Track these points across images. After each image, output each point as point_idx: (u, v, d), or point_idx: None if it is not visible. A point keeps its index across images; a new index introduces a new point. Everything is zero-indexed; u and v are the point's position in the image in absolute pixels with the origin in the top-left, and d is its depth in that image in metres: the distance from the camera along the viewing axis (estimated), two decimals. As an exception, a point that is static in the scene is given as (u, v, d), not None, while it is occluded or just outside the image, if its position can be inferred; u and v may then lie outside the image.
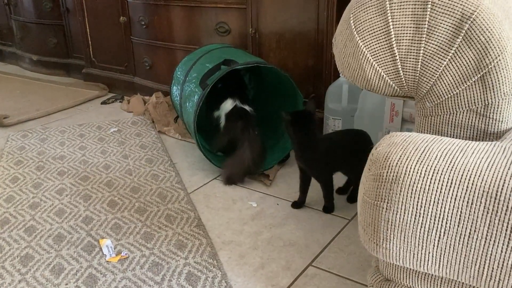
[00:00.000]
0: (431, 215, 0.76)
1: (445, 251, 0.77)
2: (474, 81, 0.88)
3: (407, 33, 0.92)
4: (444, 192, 0.75)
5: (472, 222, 0.73)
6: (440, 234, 0.76)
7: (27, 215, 1.62)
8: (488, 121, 0.91)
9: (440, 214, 0.75)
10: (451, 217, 0.75)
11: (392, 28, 0.93)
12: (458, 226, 0.74)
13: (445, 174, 0.75)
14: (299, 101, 1.88)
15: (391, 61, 0.94)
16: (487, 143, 0.82)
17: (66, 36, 3.25)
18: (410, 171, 0.77)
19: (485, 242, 0.73)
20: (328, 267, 1.35)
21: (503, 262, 0.73)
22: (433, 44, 0.90)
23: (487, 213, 0.72)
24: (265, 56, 2.19)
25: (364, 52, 0.96)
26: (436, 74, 0.91)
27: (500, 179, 0.72)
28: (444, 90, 0.91)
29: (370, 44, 0.95)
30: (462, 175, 0.74)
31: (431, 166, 0.77)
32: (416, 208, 0.77)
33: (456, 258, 0.76)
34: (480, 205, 0.72)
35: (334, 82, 1.97)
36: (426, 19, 0.90)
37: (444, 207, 0.75)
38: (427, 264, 0.80)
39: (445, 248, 0.76)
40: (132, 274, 1.32)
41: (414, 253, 0.80)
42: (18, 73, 3.52)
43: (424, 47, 0.91)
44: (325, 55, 2.01)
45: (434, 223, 0.76)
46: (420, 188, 0.76)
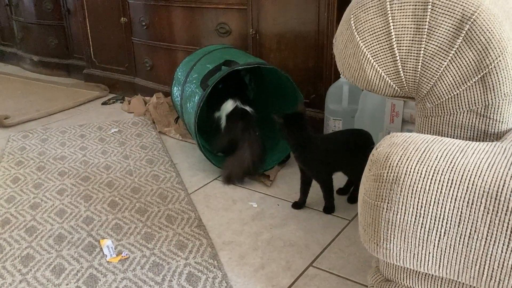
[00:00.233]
0: (432, 215, 0.76)
1: (445, 251, 0.77)
2: (475, 81, 0.88)
3: (407, 33, 0.92)
4: (445, 193, 0.75)
5: (472, 223, 0.73)
6: (440, 235, 0.76)
7: (28, 215, 1.63)
8: (489, 121, 0.91)
9: (440, 215, 0.75)
10: (452, 217, 0.75)
11: (393, 28, 0.93)
12: (459, 226, 0.74)
13: (445, 175, 0.75)
14: (299, 102, 1.87)
15: (391, 61, 0.95)
16: (487, 143, 0.82)
17: (66, 36, 3.26)
18: (410, 172, 0.77)
19: (485, 242, 0.73)
20: (329, 267, 1.35)
21: (503, 262, 0.73)
22: (433, 44, 0.90)
23: (487, 213, 0.72)
24: (265, 57, 2.19)
25: (365, 52, 0.96)
26: (437, 75, 0.91)
27: (501, 180, 0.72)
28: (445, 90, 0.91)
29: (370, 44, 0.95)
30: (463, 175, 0.74)
31: (432, 166, 0.77)
32: (417, 209, 0.77)
33: (456, 258, 0.76)
34: (480, 205, 0.72)
35: (334, 82, 1.97)
36: (427, 19, 0.90)
37: (445, 208, 0.75)
38: (428, 264, 0.80)
39: (445, 248, 0.77)
40: (133, 274, 1.32)
41: (414, 253, 0.80)
42: (18, 73, 3.52)
43: (425, 48, 0.91)
44: (325, 55, 2.02)
45: (435, 223, 0.76)
46: (421, 188, 0.76)
